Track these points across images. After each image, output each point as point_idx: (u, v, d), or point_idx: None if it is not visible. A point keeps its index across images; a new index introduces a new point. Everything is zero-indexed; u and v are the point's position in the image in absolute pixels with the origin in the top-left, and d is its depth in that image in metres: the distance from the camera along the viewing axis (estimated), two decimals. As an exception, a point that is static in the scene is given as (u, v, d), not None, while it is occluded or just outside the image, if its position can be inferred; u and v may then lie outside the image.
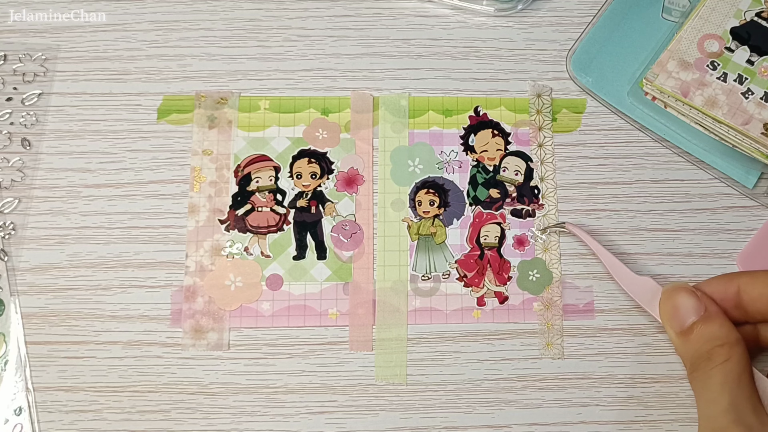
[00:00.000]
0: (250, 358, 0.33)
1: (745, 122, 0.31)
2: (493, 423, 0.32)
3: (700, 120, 0.33)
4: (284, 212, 0.34)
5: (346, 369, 0.32)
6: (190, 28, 0.37)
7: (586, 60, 0.36)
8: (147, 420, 0.32)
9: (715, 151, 0.34)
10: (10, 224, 0.34)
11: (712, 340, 0.28)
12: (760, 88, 0.32)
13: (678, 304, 0.29)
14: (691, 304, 0.28)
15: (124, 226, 0.34)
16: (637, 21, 0.36)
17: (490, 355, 0.33)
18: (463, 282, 0.34)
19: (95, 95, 0.36)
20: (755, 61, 0.32)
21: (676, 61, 0.33)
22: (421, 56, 0.37)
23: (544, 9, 0.38)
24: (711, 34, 0.33)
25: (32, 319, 0.33)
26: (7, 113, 0.35)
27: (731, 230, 0.34)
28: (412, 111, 0.36)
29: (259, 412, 0.32)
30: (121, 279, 0.33)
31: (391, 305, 0.33)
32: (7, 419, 0.31)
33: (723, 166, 0.34)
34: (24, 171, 0.35)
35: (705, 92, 0.32)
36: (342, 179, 0.35)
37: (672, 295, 0.29)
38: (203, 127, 0.35)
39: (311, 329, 0.33)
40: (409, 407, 0.32)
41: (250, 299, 0.33)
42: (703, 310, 0.28)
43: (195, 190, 0.34)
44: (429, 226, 0.34)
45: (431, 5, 0.37)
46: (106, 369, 0.32)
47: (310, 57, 0.37)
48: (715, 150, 0.34)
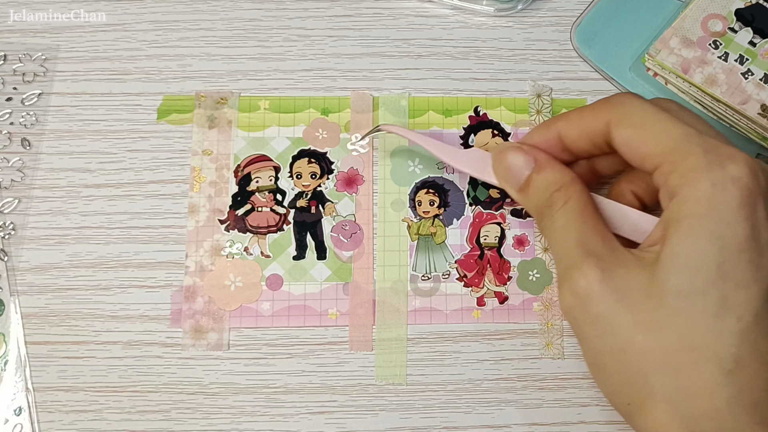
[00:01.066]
0: (250, 358, 0.33)
1: (743, 102, 0.32)
2: (493, 423, 0.32)
3: (699, 98, 0.33)
4: (284, 212, 0.34)
5: (346, 369, 0.33)
6: (190, 28, 0.37)
7: (590, 33, 0.36)
8: (147, 420, 0.32)
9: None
10: (10, 224, 0.34)
11: (549, 187, 0.28)
12: (761, 70, 0.32)
13: (509, 163, 0.29)
14: (521, 160, 0.29)
15: (123, 226, 0.34)
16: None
17: (490, 355, 0.33)
18: (463, 282, 0.34)
19: (95, 95, 0.36)
20: (757, 43, 0.33)
21: (679, 38, 0.33)
22: (421, 56, 0.37)
23: (544, 9, 0.38)
24: (716, 14, 0.33)
25: (32, 319, 0.33)
26: (7, 113, 0.35)
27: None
28: (412, 111, 0.36)
29: (259, 412, 0.32)
30: (121, 279, 0.33)
31: (391, 305, 0.33)
32: (7, 419, 0.31)
33: None
34: (24, 171, 0.35)
35: (705, 70, 0.32)
36: (342, 179, 0.35)
37: (502, 156, 0.29)
38: (203, 127, 0.35)
39: (311, 329, 0.33)
40: (409, 407, 0.32)
41: (250, 299, 0.33)
42: (533, 161, 0.29)
43: (195, 190, 0.34)
44: (429, 226, 0.34)
45: (431, 5, 0.37)
46: (106, 369, 0.32)
47: (310, 57, 0.37)
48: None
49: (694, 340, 0.23)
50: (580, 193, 0.27)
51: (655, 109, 0.26)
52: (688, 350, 0.23)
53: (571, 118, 0.29)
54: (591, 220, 0.27)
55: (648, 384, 0.24)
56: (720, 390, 0.23)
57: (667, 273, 0.23)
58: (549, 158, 0.29)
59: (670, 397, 0.23)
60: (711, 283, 0.23)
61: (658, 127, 0.25)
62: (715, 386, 0.23)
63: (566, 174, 0.28)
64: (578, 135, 0.28)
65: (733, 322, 0.23)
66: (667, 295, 0.23)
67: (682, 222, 0.24)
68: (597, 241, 0.26)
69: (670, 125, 0.25)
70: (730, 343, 0.23)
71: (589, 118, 0.28)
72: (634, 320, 0.24)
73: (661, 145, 0.25)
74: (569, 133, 0.29)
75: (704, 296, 0.23)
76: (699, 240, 0.23)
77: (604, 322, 0.24)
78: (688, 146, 0.24)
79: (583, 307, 0.25)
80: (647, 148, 0.26)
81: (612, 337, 0.24)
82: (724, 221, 0.23)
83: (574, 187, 0.27)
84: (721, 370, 0.23)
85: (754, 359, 0.23)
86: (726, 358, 0.23)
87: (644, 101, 0.27)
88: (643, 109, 0.26)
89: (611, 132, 0.27)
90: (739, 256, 0.23)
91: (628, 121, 0.26)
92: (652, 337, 0.23)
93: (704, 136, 0.25)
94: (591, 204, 0.27)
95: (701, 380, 0.23)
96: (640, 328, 0.24)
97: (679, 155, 0.24)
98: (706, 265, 0.23)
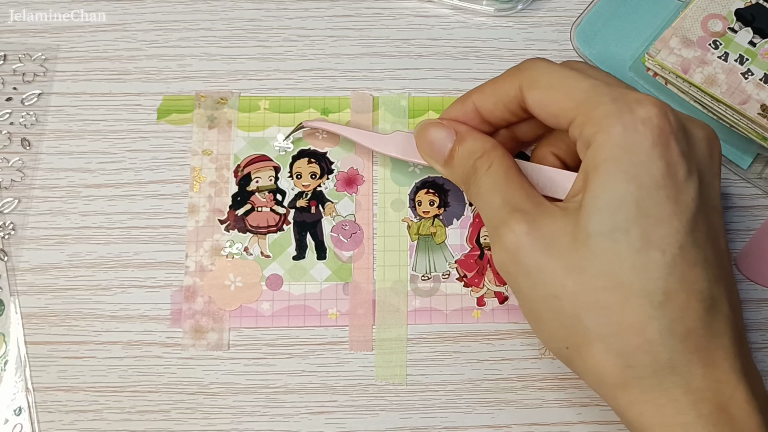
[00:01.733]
0: (250, 358, 0.33)
1: (743, 102, 0.32)
2: (493, 423, 0.32)
3: (699, 98, 0.33)
4: (284, 212, 0.34)
5: (346, 369, 0.33)
6: (190, 28, 0.37)
7: (590, 33, 0.36)
8: (147, 420, 0.32)
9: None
10: (10, 224, 0.34)
11: (472, 156, 0.29)
12: (761, 70, 0.32)
13: (431, 138, 0.30)
14: (442, 134, 0.30)
15: (123, 226, 0.34)
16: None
17: (490, 355, 0.33)
18: (463, 282, 0.34)
19: (95, 95, 0.36)
20: (757, 43, 0.33)
21: (679, 38, 0.33)
22: (421, 56, 0.37)
23: (544, 9, 0.38)
24: (716, 14, 0.33)
25: (32, 319, 0.33)
26: (6, 113, 0.35)
27: (730, 230, 0.34)
28: (412, 111, 0.36)
29: (259, 412, 0.32)
30: (120, 279, 0.33)
31: (391, 305, 0.33)
32: (6, 419, 0.31)
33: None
34: (24, 171, 0.35)
35: (705, 70, 0.32)
36: (342, 179, 0.35)
37: (423, 133, 0.30)
38: (203, 127, 0.35)
39: (311, 329, 0.33)
40: (409, 407, 0.32)
41: (250, 299, 0.33)
42: (454, 133, 0.29)
43: (195, 190, 0.34)
44: (429, 226, 0.34)
45: (431, 5, 0.37)
46: (106, 369, 0.32)
47: (310, 57, 0.37)
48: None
49: (621, 277, 0.24)
50: (503, 158, 0.28)
51: (563, 68, 0.27)
52: (616, 287, 0.24)
53: (484, 89, 0.30)
54: (515, 181, 0.27)
55: (582, 325, 0.24)
56: (651, 323, 0.23)
57: (588, 216, 0.24)
58: (469, 129, 0.30)
59: (604, 334, 0.24)
60: (631, 221, 0.24)
61: (567, 84, 0.26)
62: (646, 319, 0.23)
63: (487, 141, 0.29)
64: (494, 104, 0.29)
65: (658, 256, 0.23)
66: (591, 237, 0.24)
67: (600, 167, 0.24)
68: (522, 198, 0.27)
69: (578, 80, 0.26)
70: (657, 277, 0.23)
71: (502, 86, 0.29)
72: (562, 266, 0.25)
73: (572, 99, 0.26)
74: (485, 104, 0.29)
75: (626, 234, 0.24)
76: (616, 181, 0.24)
77: (535, 272, 0.25)
78: (597, 96, 0.25)
79: (514, 261, 0.26)
80: (559, 105, 0.26)
81: (544, 285, 0.25)
82: (639, 161, 0.24)
83: (496, 152, 0.28)
84: (651, 303, 0.23)
85: (683, 290, 0.23)
86: (654, 291, 0.23)
87: (552, 63, 0.28)
88: (551, 70, 0.27)
89: (524, 96, 0.28)
90: (656, 192, 0.24)
91: (538, 83, 0.27)
92: (581, 280, 0.24)
93: (612, 86, 0.26)
94: (514, 166, 0.28)
95: (632, 315, 0.24)
96: (569, 272, 0.24)
97: (589, 106, 0.25)
98: (625, 204, 0.24)
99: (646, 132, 0.24)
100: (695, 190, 0.24)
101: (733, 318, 0.25)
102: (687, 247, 0.24)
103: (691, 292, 0.24)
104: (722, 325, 0.24)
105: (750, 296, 0.34)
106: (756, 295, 0.34)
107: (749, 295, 0.34)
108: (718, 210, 0.26)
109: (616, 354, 0.24)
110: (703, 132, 0.26)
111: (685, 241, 0.24)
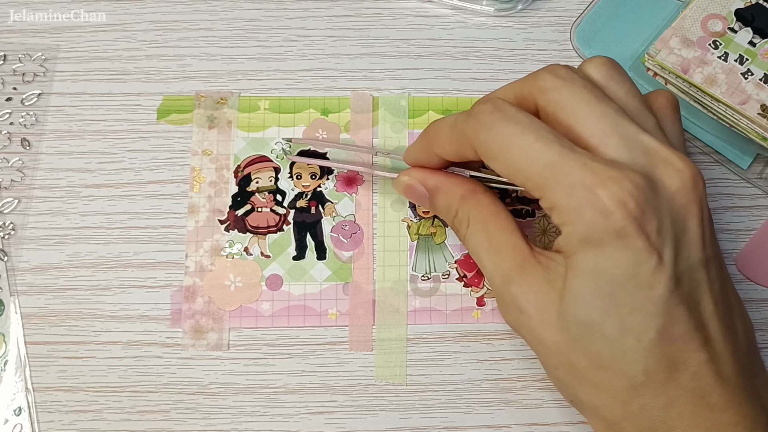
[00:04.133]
0: (249, 359, 0.33)
1: (743, 102, 0.32)
2: (493, 423, 0.32)
3: (699, 98, 0.33)
4: (284, 212, 0.34)
5: (345, 369, 0.33)
6: (190, 28, 0.37)
7: (590, 32, 0.36)
8: (147, 420, 0.32)
9: (713, 131, 0.35)
10: (9, 224, 0.34)
11: (448, 213, 0.29)
12: (760, 70, 0.32)
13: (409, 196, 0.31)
14: (416, 194, 0.30)
15: (123, 227, 0.34)
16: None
17: (490, 355, 0.33)
18: (462, 282, 0.34)
19: (95, 95, 0.36)
20: (757, 43, 0.33)
21: (679, 38, 0.33)
22: (421, 56, 0.37)
23: (544, 9, 0.38)
24: (716, 14, 0.33)
25: (32, 319, 0.33)
26: (6, 113, 0.35)
27: (730, 230, 0.34)
28: (412, 111, 0.36)
29: (258, 412, 0.32)
30: (120, 279, 0.33)
31: (391, 305, 0.33)
32: (6, 419, 0.31)
33: (719, 146, 0.35)
34: (24, 171, 0.35)
35: (705, 70, 0.32)
36: (342, 179, 0.35)
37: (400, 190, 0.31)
38: (203, 127, 0.35)
39: (311, 329, 0.33)
40: (408, 407, 0.32)
41: (250, 299, 0.33)
42: (425, 192, 0.30)
43: (195, 190, 0.34)
44: (429, 226, 0.34)
45: (431, 5, 0.37)
46: (106, 369, 0.32)
47: (310, 57, 0.37)
48: (712, 130, 0.35)
49: (602, 360, 0.24)
50: (478, 207, 0.28)
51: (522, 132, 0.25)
52: (599, 369, 0.25)
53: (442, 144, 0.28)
54: (496, 237, 0.28)
55: (576, 395, 0.26)
56: (633, 400, 0.24)
57: (566, 305, 0.25)
58: (438, 180, 0.30)
59: (593, 406, 0.26)
60: (606, 312, 0.24)
61: (524, 160, 0.24)
62: (628, 398, 0.24)
63: (457, 191, 0.29)
64: (457, 156, 0.28)
65: (634, 343, 0.24)
66: (570, 324, 0.25)
67: (572, 257, 0.25)
68: (508, 262, 0.27)
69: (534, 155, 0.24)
70: (635, 361, 0.24)
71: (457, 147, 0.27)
72: (553, 341, 0.25)
73: (532, 181, 0.25)
74: (447, 154, 0.28)
75: (601, 325, 0.24)
76: (588, 277, 0.24)
77: (534, 343, 0.27)
78: (555, 180, 0.24)
79: (518, 329, 0.27)
80: (521, 182, 0.25)
81: (546, 357, 0.27)
82: (606, 255, 0.24)
83: (470, 203, 0.28)
84: (632, 384, 0.24)
85: (664, 368, 0.24)
86: (634, 374, 0.24)
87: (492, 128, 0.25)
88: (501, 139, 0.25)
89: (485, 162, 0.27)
90: (627, 283, 0.24)
91: (490, 153, 0.26)
92: (570, 357, 0.25)
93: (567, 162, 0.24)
94: (492, 214, 0.28)
95: (615, 393, 0.25)
96: (560, 347, 0.25)
97: (551, 191, 0.24)
98: (598, 296, 0.24)
99: (608, 225, 0.23)
100: (671, 267, 0.24)
101: (731, 360, 0.25)
102: (665, 328, 0.24)
103: (673, 368, 0.24)
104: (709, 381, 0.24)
105: (750, 296, 0.34)
106: (756, 295, 0.34)
107: (749, 295, 0.34)
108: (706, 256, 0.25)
109: (606, 424, 0.26)
110: (679, 180, 0.24)
111: (663, 323, 0.24)
